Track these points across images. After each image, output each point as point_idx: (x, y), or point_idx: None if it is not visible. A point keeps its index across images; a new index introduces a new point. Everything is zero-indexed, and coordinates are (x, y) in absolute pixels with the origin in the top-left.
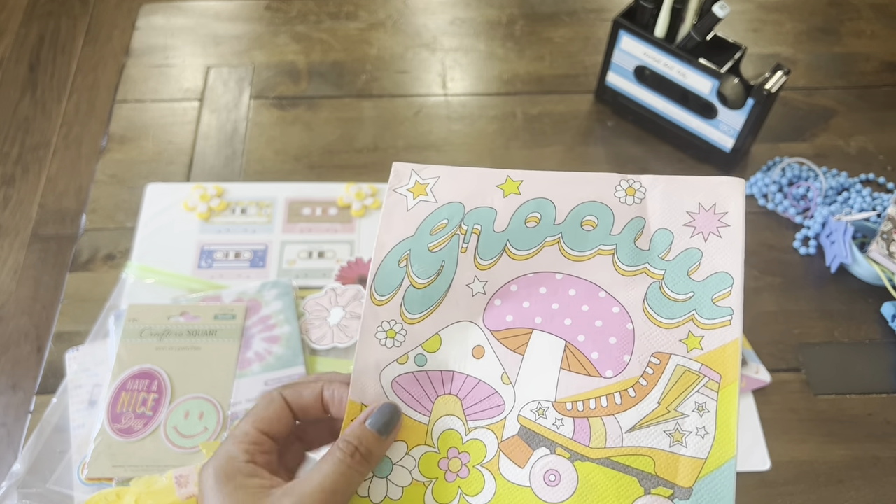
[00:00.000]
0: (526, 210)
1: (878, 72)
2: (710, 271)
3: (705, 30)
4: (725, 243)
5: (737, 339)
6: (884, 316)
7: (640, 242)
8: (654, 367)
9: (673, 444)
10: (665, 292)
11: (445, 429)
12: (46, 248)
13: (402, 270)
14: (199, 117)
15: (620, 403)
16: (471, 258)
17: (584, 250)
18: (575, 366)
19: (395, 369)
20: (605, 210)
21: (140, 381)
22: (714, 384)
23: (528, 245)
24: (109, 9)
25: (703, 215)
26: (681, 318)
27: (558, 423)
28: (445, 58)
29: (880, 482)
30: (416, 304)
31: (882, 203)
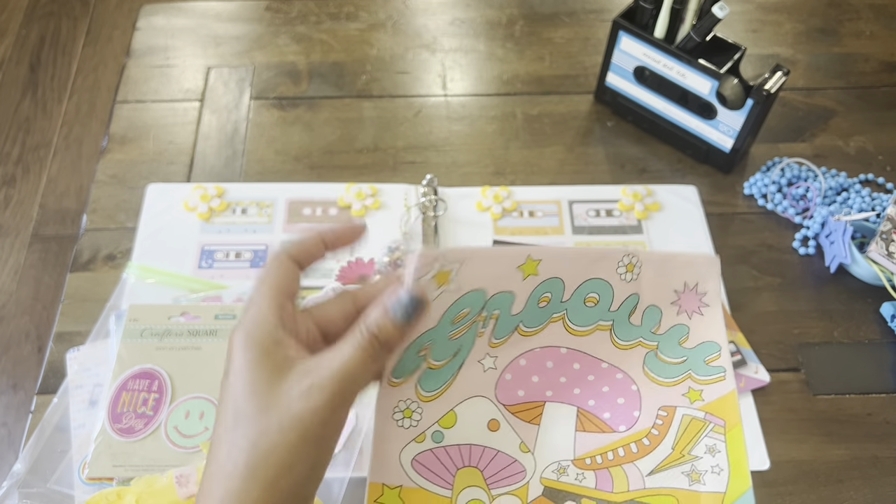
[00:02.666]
0: (540, 291)
1: (877, 72)
2: (698, 341)
3: (705, 30)
4: (707, 321)
5: (733, 390)
6: (883, 316)
7: (634, 319)
8: (662, 419)
9: (692, 483)
10: (661, 357)
11: (470, 499)
12: (47, 248)
13: (420, 359)
14: (200, 118)
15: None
16: (486, 340)
17: (586, 325)
18: (589, 426)
19: (413, 448)
20: (606, 287)
21: (141, 380)
22: (720, 428)
23: (537, 322)
24: (110, 9)
25: (687, 294)
26: (679, 377)
27: (580, 478)
28: (445, 58)
29: (879, 482)
30: (431, 382)
31: (881, 203)
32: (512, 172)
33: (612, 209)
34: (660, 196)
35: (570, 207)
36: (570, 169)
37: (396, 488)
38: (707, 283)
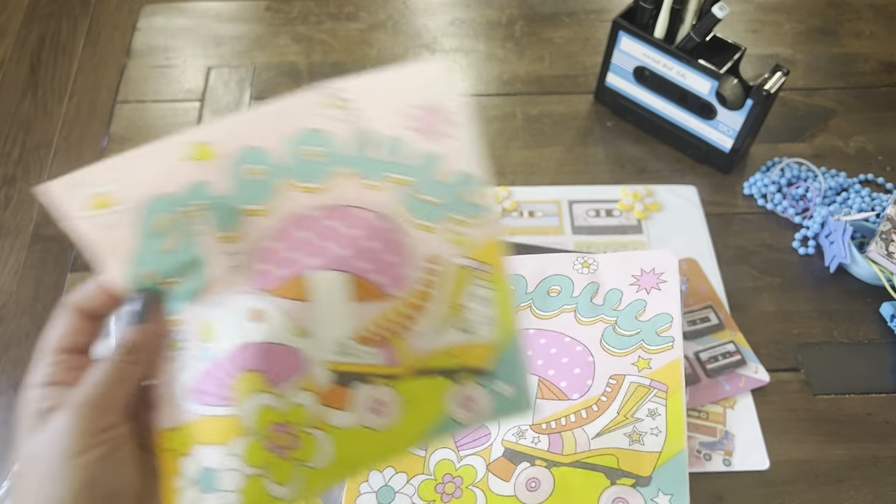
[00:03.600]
0: (240, 163)
1: (876, 72)
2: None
3: (704, 31)
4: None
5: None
6: (883, 316)
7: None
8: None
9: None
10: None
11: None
12: (47, 248)
13: (154, 285)
14: (200, 118)
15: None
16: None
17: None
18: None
19: (182, 379)
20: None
21: None
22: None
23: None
24: (110, 10)
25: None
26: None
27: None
28: (445, 58)
29: (879, 482)
30: (176, 302)
31: (881, 203)
32: (512, 172)
33: (612, 209)
34: (660, 196)
35: (570, 207)
36: (570, 169)
37: (180, 427)
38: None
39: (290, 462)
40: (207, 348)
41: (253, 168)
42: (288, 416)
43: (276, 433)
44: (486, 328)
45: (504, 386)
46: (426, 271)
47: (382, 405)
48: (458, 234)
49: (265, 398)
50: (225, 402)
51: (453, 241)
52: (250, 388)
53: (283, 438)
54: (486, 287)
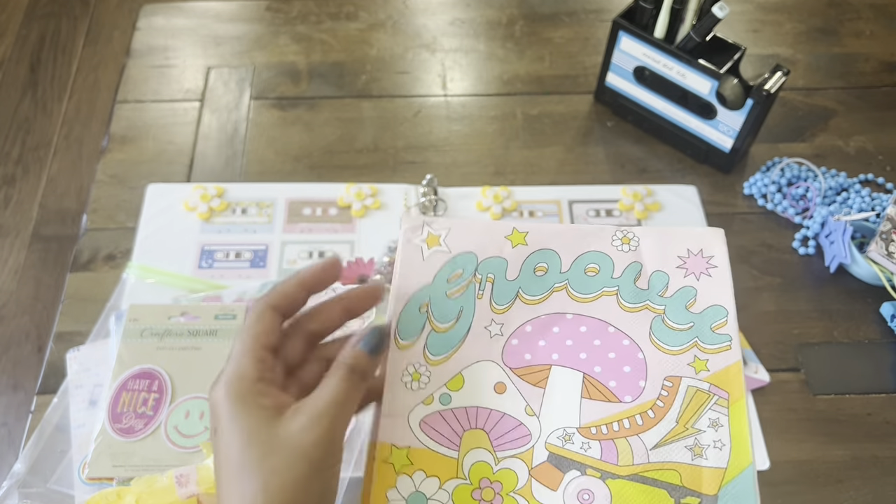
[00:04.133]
0: (534, 260)
1: (877, 72)
2: (706, 304)
3: (705, 30)
4: (716, 282)
5: (738, 361)
6: (883, 316)
7: (640, 283)
8: (668, 390)
9: (695, 457)
10: (668, 323)
11: (475, 461)
12: (47, 248)
13: (423, 316)
14: (200, 118)
15: (642, 424)
16: (487, 303)
17: (590, 293)
18: (595, 394)
19: (421, 410)
20: (604, 258)
21: (141, 380)
22: (724, 401)
23: (539, 291)
24: (110, 9)
25: (693, 259)
26: (685, 345)
27: (585, 447)
28: (445, 58)
29: (879, 482)
30: (439, 347)
31: (881, 203)
32: (512, 172)
33: (612, 209)
34: (660, 196)
35: (570, 207)
36: (570, 169)
37: (405, 449)
38: (713, 248)
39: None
40: (450, 394)
41: (542, 266)
42: (499, 477)
43: (485, 486)
44: (717, 453)
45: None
46: (663, 387)
47: (591, 496)
48: (698, 359)
49: (485, 455)
50: (452, 446)
51: (693, 365)
52: (476, 443)
53: (488, 492)
54: (720, 412)
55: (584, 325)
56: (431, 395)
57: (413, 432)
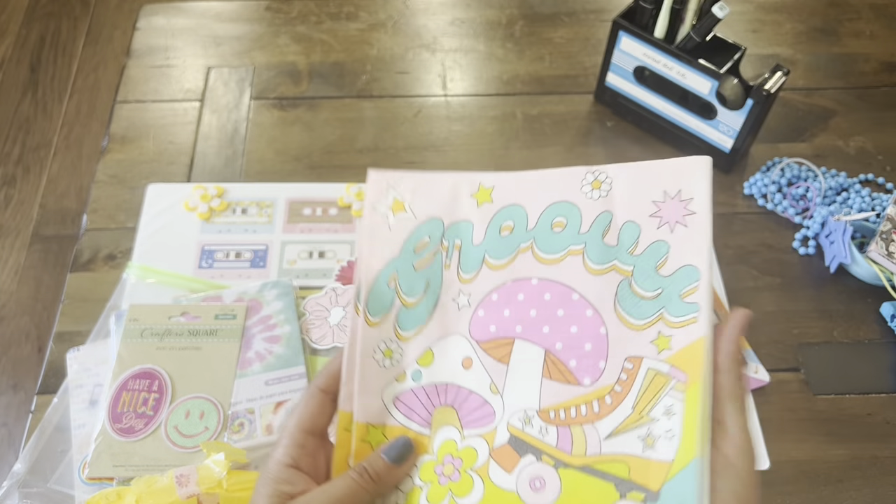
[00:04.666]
0: (500, 219)
1: (877, 72)
2: (678, 265)
3: (705, 30)
4: (691, 233)
5: (703, 336)
6: (883, 316)
7: (608, 238)
8: (627, 372)
9: (645, 448)
10: (634, 289)
11: (445, 439)
12: (47, 248)
13: (391, 291)
14: (200, 118)
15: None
16: (454, 273)
17: (556, 252)
18: (555, 374)
19: (395, 388)
20: (572, 209)
21: (141, 380)
22: (681, 385)
23: (504, 254)
24: (110, 9)
25: (669, 204)
26: (651, 318)
27: (543, 432)
28: (445, 58)
29: (879, 482)
30: (408, 322)
31: (881, 203)
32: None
33: None
34: None
35: None
36: None
37: (380, 427)
38: (692, 188)
39: (445, 489)
40: (420, 371)
41: (508, 225)
42: (462, 454)
43: (447, 462)
44: (666, 444)
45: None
46: (622, 369)
47: (542, 484)
48: (662, 335)
49: (454, 433)
50: (424, 423)
51: (656, 342)
52: (446, 420)
53: (448, 468)
54: (676, 398)
55: (549, 291)
56: (404, 371)
57: (388, 410)
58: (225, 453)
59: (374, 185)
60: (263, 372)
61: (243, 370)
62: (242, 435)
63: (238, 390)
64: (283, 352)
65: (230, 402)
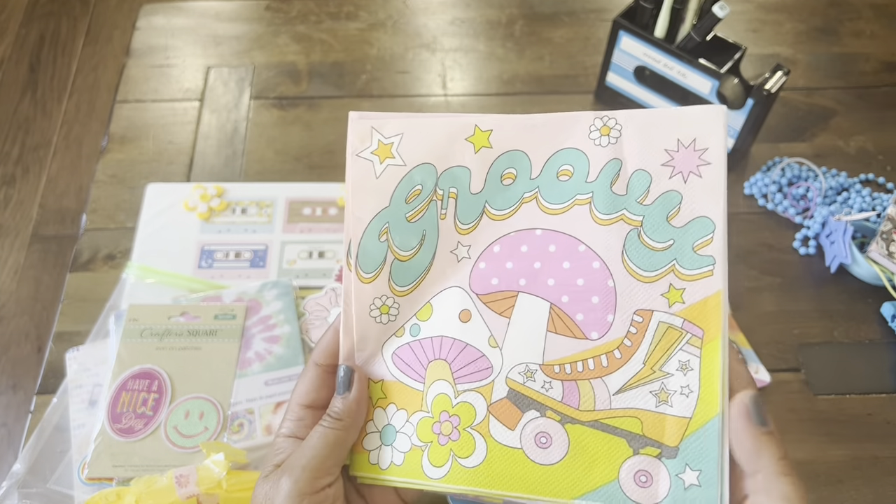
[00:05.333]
0: (500, 166)
1: (877, 72)
2: (691, 216)
3: (705, 30)
4: (706, 184)
5: (719, 290)
6: (883, 316)
7: (617, 187)
8: (637, 326)
9: (659, 403)
10: (644, 240)
11: (437, 393)
12: (47, 248)
13: (383, 245)
14: (200, 117)
15: (607, 365)
16: (451, 224)
17: (562, 202)
18: (561, 328)
19: (393, 343)
20: (579, 156)
21: (140, 380)
22: (697, 340)
23: (507, 203)
24: (110, 9)
25: (682, 153)
26: (661, 270)
27: (547, 386)
28: (445, 58)
29: (880, 482)
30: (404, 276)
31: (882, 203)
32: None
33: None
34: None
35: None
36: None
37: (379, 382)
38: (708, 138)
39: (446, 449)
40: (419, 325)
41: (510, 172)
42: (457, 411)
43: (444, 420)
44: (683, 400)
45: (689, 472)
46: (632, 323)
47: (548, 440)
48: (674, 288)
49: (446, 387)
50: (419, 378)
51: (667, 295)
52: (438, 375)
53: (446, 426)
54: (692, 354)
55: (554, 243)
56: (402, 326)
57: (387, 366)
58: (224, 453)
59: (356, 128)
60: (263, 372)
61: (243, 370)
62: (242, 435)
63: (238, 390)
64: (283, 352)
65: (230, 402)
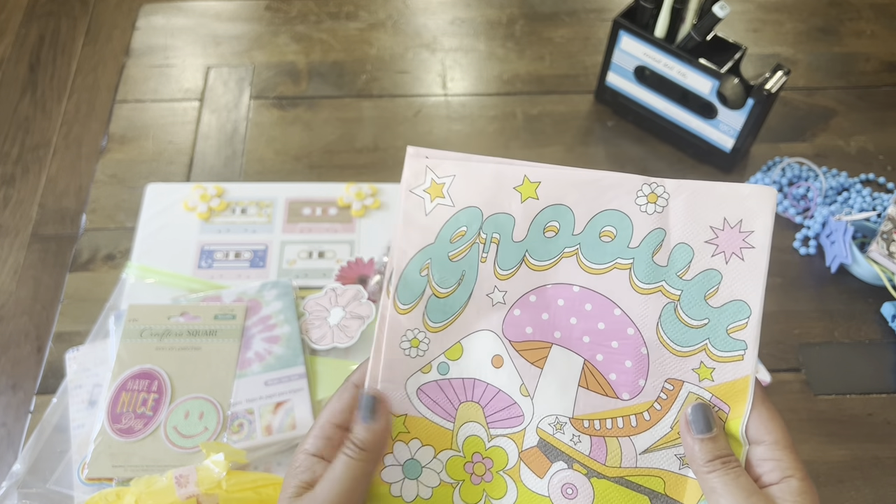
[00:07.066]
0: (544, 218)
1: (877, 72)
2: (728, 298)
3: (705, 30)
4: (747, 268)
5: (748, 375)
6: (884, 316)
7: (659, 258)
8: (667, 393)
9: (682, 466)
10: (680, 315)
11: (469, 435)
12: (46, 248)
13: (423, 279)
14: (200, 117)
15: (636, 426)
16: (490, 268)
17: (602, 263)
18: (593, 385)
19: (419, 378)
20: (624, 220)
21: (140, 381)
22: (723, 414)
23: (547, 256)
24: (109, 9)
25: (728, 233)
26: (694, 347)
27: (575, 440)
28: (445, 58)
29: (880, 482)
30: (439, 313)
31: (882, 203)
32: None
33: None
34: None
35: None
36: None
37: (402, 416)
38: (754, 220)
39: (479, 489)
40: (448, 364)
41: (553, 226)
42: (490, 454)
43: (477, 461)
44: None
45: None
46: (663, 390)
47: (574, 491)
48: (704, 366)
49: (479, 429)
50: (448, 417)
51: (698, 371)
52: (470, 417)
53: (479, 468)
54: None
55: (591, 302)
56: (430, 363)
57: (410, 400)
58: (224, 454)
59: (412, 165)
60: (263, 372)
61: (243, 370)
62: (242, 435)
63: (237, 390)
64: (283, 352)
65: (230, 402)
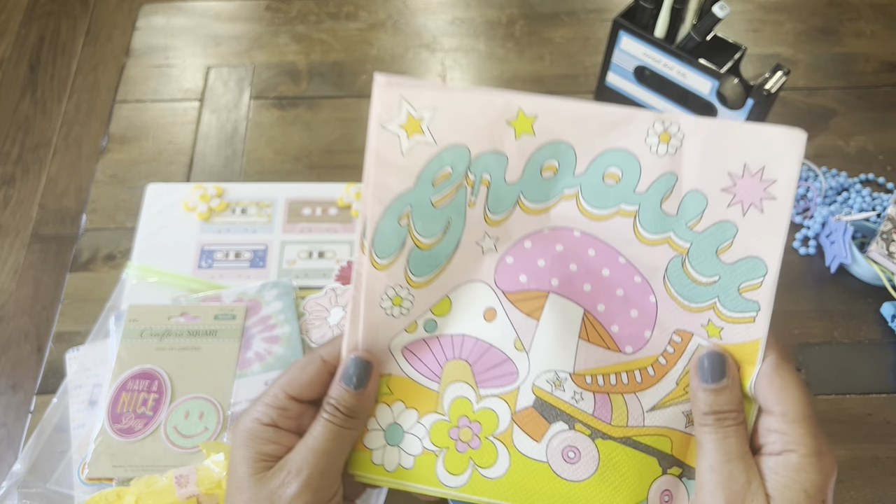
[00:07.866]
0: (541, 157)
1: (877, 72)
2: (743, 254)
3: (705, 30)
4: (766, 221)
5: (759, 339)
6: (883, 316)
7: (668, 206)
8: (675, 346)
9: (688, 424)
10: (687, 271)
11: (456, 396)
12: (46, 248)
13: (403, 229)
14: (200, 117)
15: (641, 382)
16: (480, 213)
17: (605, 208)
18: (594, 337)
19: (404, 338)
20: (631, 161)
21: (140, 381)
22: None
23: (544, 197)
24: (109, 9)
25: (747, 181)
26: (701, 304)
27: (577, 398)
28: (445, 58)
29: (880, 482)
30: (423, 266)
31: (882, 203)
32: None
33: None
34: None
35: None
36: None
37: (385, 376)
38: (778, 168)
39: (465, 457)
40: (434, 320)
41: (551, 164)
42: (479, 417)
43: (463, 425)
44: None
45: None
46: (670, 342)
47: (577, 455)
48: (713, 325)
49: (466, 390)
50: (434, 377)
51: (706, 328)
52: (457, 376)
53: (466, 433)
54: None
55: (594, 247)
56: (415, 321)
57: (395, 359)
58: (224, 454)
59: (383, 95)
60: (263, 372)
61: (243, 370)
62: None
63: (238, 391)
64: (283, 352)
65: (230, 402)
